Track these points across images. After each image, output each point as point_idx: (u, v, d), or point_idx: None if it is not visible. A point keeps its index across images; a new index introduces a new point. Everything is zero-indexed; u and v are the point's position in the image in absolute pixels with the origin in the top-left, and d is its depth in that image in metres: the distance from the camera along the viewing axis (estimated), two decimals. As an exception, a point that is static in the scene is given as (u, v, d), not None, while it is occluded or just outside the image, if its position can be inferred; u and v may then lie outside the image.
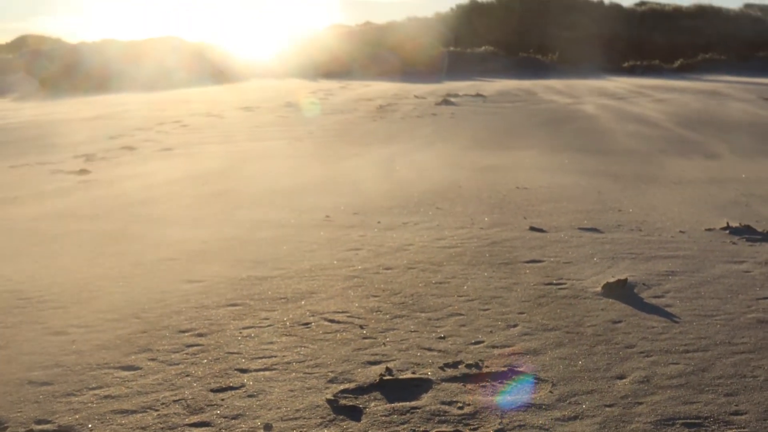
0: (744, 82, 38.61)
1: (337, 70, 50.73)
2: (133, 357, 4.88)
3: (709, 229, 8.36)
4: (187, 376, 4.57)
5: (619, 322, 5.47)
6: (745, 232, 8.20)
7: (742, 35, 57.73)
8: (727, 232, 8.24)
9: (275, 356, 4.85)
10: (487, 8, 65.50)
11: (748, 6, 69.97)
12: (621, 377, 4.54)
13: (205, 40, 60.43)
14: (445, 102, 27.54)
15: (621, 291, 6.14)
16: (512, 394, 4.39)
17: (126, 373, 4.64)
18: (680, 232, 8.28)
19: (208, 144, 17.24)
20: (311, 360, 4.80)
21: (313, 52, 54.02)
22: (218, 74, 47.53)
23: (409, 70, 49.64)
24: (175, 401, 4.27)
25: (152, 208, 9.86)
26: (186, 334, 5.27)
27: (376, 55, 53.40)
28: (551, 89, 34.75)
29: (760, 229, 8.26)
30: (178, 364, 4.75)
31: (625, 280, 6.29)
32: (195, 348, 5.01)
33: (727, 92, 32.05)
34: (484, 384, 4.49)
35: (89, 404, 4.26)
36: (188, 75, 45.28)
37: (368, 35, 59.73)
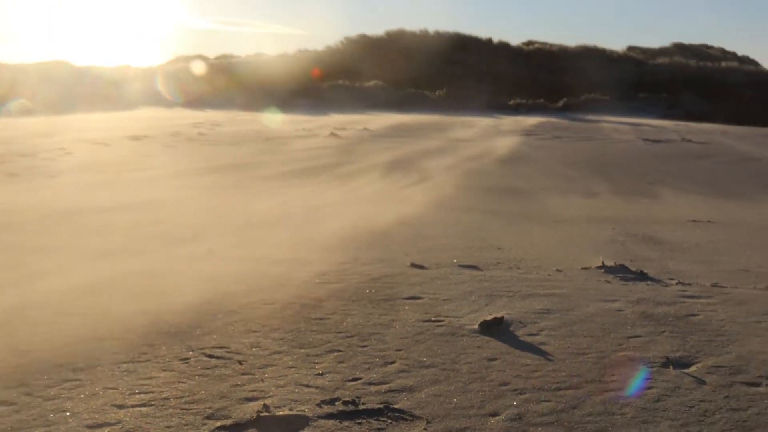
0: (625, 123, 39.53)
1: (225, 100, 50.62)
2: (8, 392, 4.81)
3: (585, 268, 8.57)
4: (63, 411, 4.53)
5: (495, 359, 5.58)
6: (619, 271, 8.43)
7: (624, 76, 59.14)
8: (603, 271, 8.46)
9: (153, 392, 4.84)
10: (377, 42, 66.01)
11: (630, 48, 71.87)
12: (494, 414, 4.64)
13: (93, 64, 59.93)
14: (333, 135, 27.67)
15: (497, 329, 6.26)
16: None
17: (0, 408, 4.57)
18: (557, 270, 8.47)
19: (92, 173, 17.02)
20: (189, 396, 4.80)
21: (201, 82, 53.90)
22: (105, 100, 47.02)
23: (298, 102, 49.79)
24: (49, 437, 4.23)
25: (36, 239, 9.69)
26: (63, 368, 5.21)
27: (263, 86, 53.45)
28: (436, 125, 35.10)
29: (633, 269, 8.49)
30: (53, 399, 4.70)
31: (502, 318, 6.41)
32: (71, 383, 4.96)
33: (609, 132, 32.79)
34: (360, 421, 4.54)
35: (-39, 440, 4.20)
36: (75, 101, 44.68)
37: (258, 66, 59.71)
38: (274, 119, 27.44)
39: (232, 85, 53.87)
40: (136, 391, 4.85)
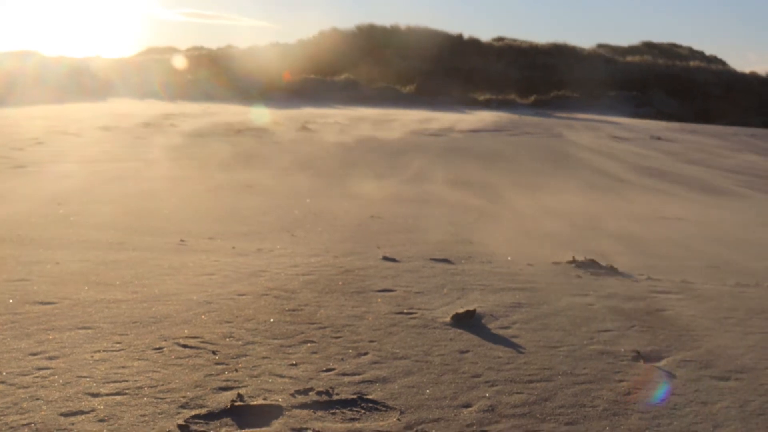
0: (595, 120, 39.72)
1: (196, 92, 50.45)
2: (-20, 379, 4.79)
3: (556, 263, 8.63)
4: (37, 399, 4.52)
5: (467, 351, 5.61)
6: (590, 266, 8.49)
7: (594, 74, 59.41)
8: (573, 265, 8.51)
9: (127, 381, 4.84)
10: (349, 36, 66.02)
11: (600, 46, 72.23)
12: (467, 406, 4.67)
13: (64, 55, 59.52)
14: (304, 129, 27.64)
15: (469, 321, 6.30)
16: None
17: (-27, 395, 4.56)
18: (528, 264, 8.52)
19: (64, 163, 16.94)
20: (163, 385, 4.80)
21: (172, 74, 53.71)
22: (77, 91, 46.77)
23: (270, 95, 49.69)
24: (24, 425, 4.22)
25: (3, 228, 9.64)
26: (36, 356, 5.19)
27: (237, 79, 53.31)
28: (406, 120, 35.12)
29: (604, 264, 8.55)
30: (27, 387, 4.69)
31: (474, 310, 6.44)
32: (45, 371, 4.95)
33: (579, 129, 32.93)
34: (334, 411, 4.56)
35: (-66, 427, 4.19)
36: (44, 91, 44.37)
37: (229, 59, 59.53)
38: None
39: (204, 77, 53.70)
40: (110, 380, 4.84)
